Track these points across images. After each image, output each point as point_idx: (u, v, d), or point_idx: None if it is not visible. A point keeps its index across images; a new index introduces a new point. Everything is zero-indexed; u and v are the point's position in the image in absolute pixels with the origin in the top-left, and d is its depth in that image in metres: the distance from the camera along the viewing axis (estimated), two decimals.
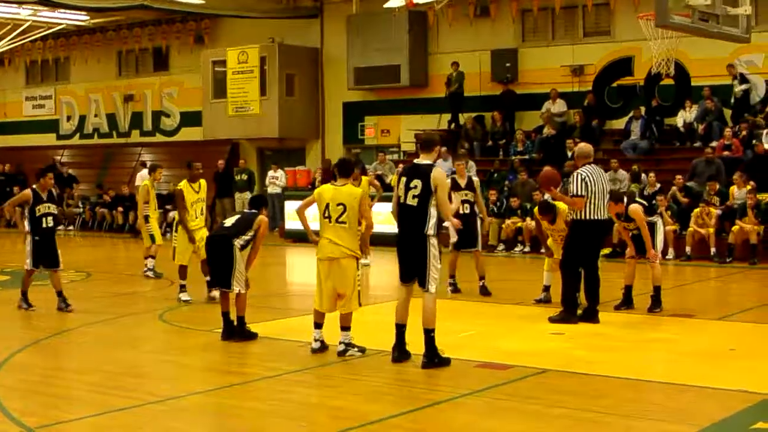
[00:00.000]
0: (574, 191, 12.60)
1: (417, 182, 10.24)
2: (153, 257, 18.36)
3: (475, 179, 15.73)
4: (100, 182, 34.84)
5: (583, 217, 12.62)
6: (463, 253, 15.29)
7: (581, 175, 12.60)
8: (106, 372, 10.31)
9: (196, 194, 15.04)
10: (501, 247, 23.43)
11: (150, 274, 18.30)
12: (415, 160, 10.71)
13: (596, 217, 12.65)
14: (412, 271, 10.33)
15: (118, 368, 10.47)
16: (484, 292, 15.32)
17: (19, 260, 16.04)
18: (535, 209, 14.53)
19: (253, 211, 12.08)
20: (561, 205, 13.52)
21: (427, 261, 10.16)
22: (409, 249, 10.33)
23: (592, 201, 12.55)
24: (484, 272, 15.50)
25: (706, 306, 15.00)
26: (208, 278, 14.26)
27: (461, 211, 14.87)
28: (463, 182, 15.37)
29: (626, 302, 13.89)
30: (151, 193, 18.18)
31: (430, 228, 10.20)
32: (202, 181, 15.25)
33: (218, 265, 11.93)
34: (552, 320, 12.81)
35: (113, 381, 9.91)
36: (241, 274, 11.77)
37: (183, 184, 15.11)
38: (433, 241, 10.23)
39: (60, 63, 38.78)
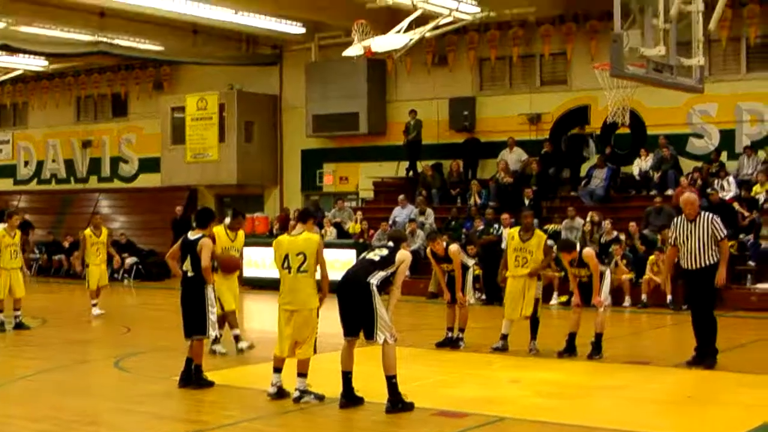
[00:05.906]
0: (723, 233, 13.04)
1: (386, 250, 10.66)
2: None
3: (453, 248, 14.81)
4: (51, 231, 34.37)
5: (714, 262, 13.01)
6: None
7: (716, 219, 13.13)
8: (60, 420, 10.19)
9: (231, 243, 14.57)
10: None
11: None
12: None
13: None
14: (355, 323, 10.38)
15: (71, 416, 10.35)
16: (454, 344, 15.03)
17: None
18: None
19: (197, 237, 11.77)
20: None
21: (373, 309, 10.22)
22: (351, 297, 10.38)
23: (713, 246, 13.00)
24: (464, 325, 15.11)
25: (662, 353, 15.06)
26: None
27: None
28: (441, 254, 14.86)
29: (569, 349, 13.98)
30: (6, 240, 17.40)
31: (375, 278, 10.29)
32: (236, 232, 14.75)
33: (191, 312, 11.78)
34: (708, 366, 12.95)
35: (67, 429, 9.79)
36: (214, 316, 11.77)
37: (218, 229, 14.28)
38: (375, 289, 10.26)
39: (18, 108, 38.63)
